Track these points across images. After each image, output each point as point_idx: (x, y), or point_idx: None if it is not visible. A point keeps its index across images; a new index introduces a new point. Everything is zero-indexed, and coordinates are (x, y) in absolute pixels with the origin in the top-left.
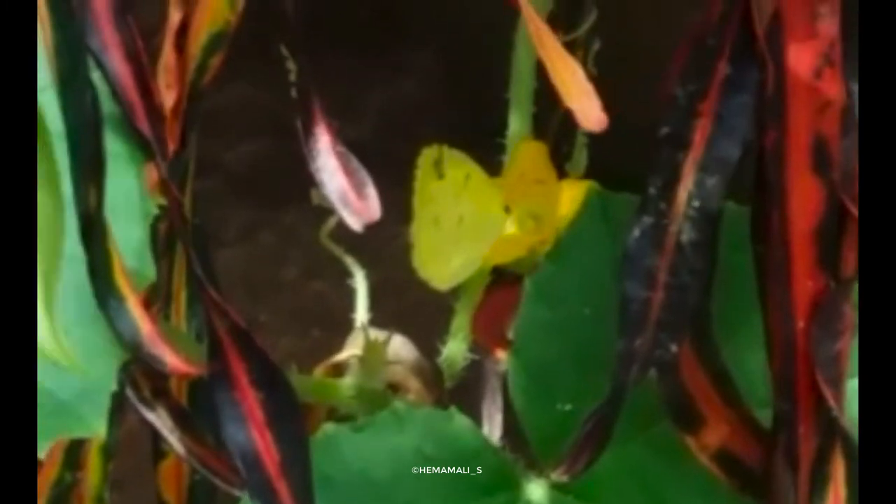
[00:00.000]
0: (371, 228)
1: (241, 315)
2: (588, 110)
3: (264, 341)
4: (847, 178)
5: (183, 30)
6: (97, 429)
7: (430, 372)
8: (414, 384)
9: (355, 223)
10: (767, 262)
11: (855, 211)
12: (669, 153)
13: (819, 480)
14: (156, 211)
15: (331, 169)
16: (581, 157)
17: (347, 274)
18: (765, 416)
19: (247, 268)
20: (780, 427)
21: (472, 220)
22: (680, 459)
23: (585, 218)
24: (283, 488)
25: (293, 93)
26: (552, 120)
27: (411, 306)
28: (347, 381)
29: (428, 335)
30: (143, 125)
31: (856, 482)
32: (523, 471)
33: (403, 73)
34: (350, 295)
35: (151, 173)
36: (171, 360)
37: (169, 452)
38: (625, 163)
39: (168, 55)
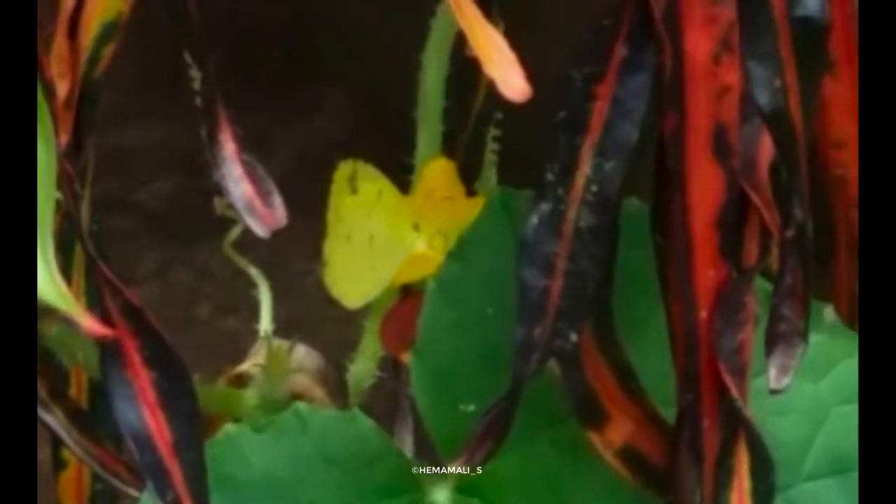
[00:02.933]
0: (285, 262)
1: None
2: (510, 80)
3: None
4: (748, 166)
5: (75, 19)
6: None
7: (334, 381)
8: (318, 393)
9: (261, 230)
10: (669, 252)
11: (757, 199)
12: (567, 137)
13: (724, 473)
14: None
15: (236, 176)
16: (490, 175)
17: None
18: (669, 415)
19: (160, 305)
20: (684, 420)
21: (382, 237)
22: (585, 459)
23: (487, 215)
24: (175, 468)
25: (197, 101)
26: (461, 139)
27: (319, 324)
28: (251, 392)
29: (337, 353)
30: None
31: (761, 474)
32: (427, 474)
33: (316, 109)
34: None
35: None
36: (87, 323)
37: (69, 462)
38: (534, 182)
39: (60, 44)
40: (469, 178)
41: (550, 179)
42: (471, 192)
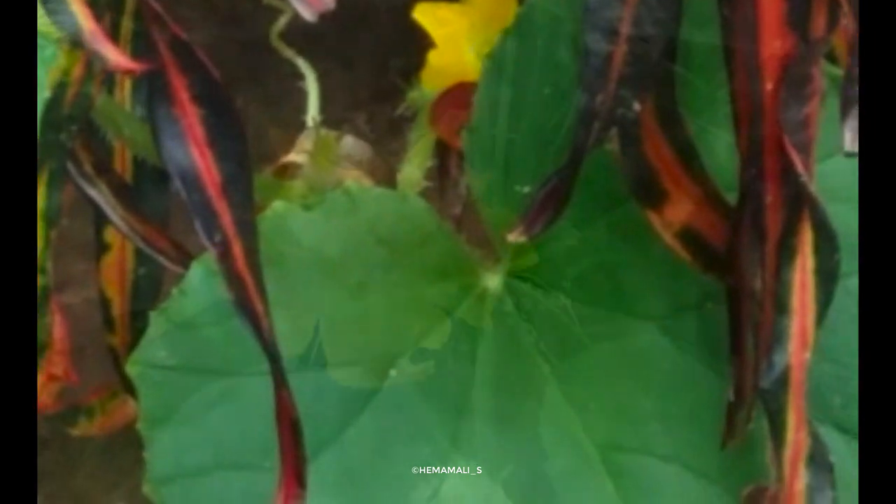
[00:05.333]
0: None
1: None
2: None
3: None
4: None
5: None
6: None
7: (383, 172)
8: (366, 183)
9: (308, 14)
10: (735, 23)
11: None
12: None
13: (786, 252)
14: None
15: None
16: None
17: None
18: (732, 200)
19: None
20: (746, 198)
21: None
22: (643, 243)
23: None
24: (223, 208)
25: None
26: None
27: None
28: (298, 182)
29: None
30: None
31: (825, 253)
32: (480, 259)
33: None
34: None
35: None
36: (114, 55)
37: (112, 245)
38: None
39: None
40: None
41: None
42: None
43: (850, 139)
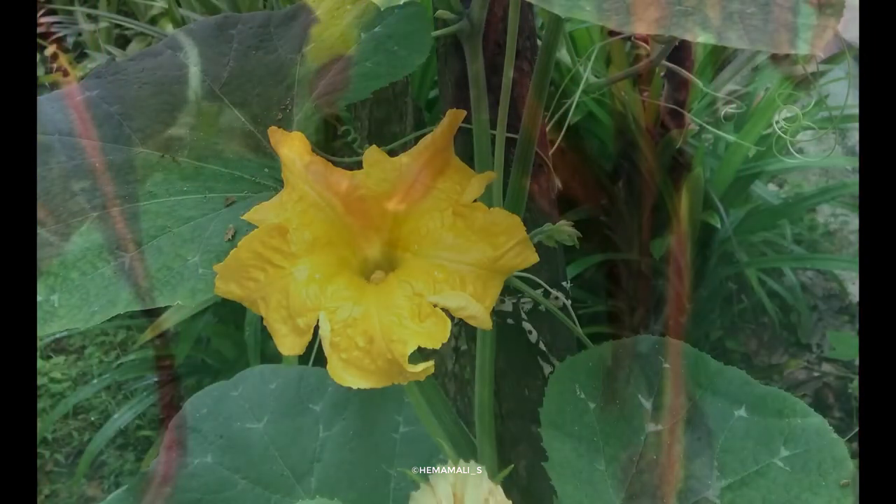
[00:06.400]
0: None
1: None
2: None
3: None
4: None
5: None
6: None
7: (265, 147)
8: (248, 155)
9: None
10: None
11: None
12: None
13: (661, 218)
14: None
15: None
16: None
17: None
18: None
19: None
20: (622, 164)
21: None
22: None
23: None
24: (104, 174)
25: None
26: None
27: None
28: (182, 154)
29: None
30: None
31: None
32: (361, 230)
33: None
34: None
35: None
36: None
37: None
38: None
39: None
40: None
41: None
42: None
43: (723, 104)
